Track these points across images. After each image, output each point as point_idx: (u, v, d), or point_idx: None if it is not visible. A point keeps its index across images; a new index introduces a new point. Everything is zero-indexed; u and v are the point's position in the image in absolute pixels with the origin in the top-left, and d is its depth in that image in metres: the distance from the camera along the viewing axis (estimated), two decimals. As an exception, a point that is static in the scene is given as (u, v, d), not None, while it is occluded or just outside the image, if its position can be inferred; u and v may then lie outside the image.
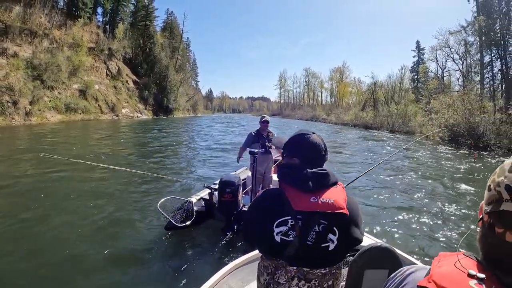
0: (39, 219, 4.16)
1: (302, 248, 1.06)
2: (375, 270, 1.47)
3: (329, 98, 70.39)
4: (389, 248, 1.49)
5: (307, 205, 1.06)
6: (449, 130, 14.72)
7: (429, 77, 32.41)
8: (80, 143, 12.50)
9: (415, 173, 8.30)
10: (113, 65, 34.92)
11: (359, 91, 53.73)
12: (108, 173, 6.63)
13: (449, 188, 6.79)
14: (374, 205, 5.23)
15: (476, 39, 27.57)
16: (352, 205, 1.12)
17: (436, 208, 5.18)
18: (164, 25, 53.03)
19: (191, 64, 73.01)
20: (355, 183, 5.68)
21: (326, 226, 1.06)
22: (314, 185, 1.08)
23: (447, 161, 10.49)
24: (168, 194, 4.55)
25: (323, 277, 1.10)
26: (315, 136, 1.18)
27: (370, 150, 13.59)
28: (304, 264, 1.09)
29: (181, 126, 26.15)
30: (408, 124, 23.32)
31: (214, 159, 9.74)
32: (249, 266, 1.99)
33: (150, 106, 39.00)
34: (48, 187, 5.63)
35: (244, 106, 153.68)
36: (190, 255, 3.31)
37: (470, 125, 14.65)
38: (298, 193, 1.08)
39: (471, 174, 8.54)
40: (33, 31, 25.47)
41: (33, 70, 23.12)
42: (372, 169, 3.62)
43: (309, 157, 1.15)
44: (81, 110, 26.30)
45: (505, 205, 0.49)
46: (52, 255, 3.22)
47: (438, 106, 18.46)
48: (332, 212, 1.05)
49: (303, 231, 1.06)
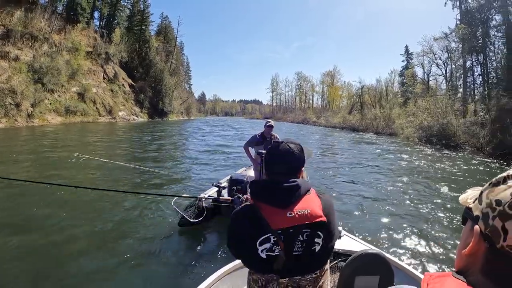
0: (52, 214, 4.37)
1: (289, 260, 1.06)
2: (366, 277, 1.47)
3: (321, 102, 72.25)
4: (380, 254, 1.49)
5: (285, 222, 1.05)
6: (424, 131, 16.34)
7: (416, 82, 34.26)
8: (103, 145, 13.51)
9: (399, 175, 8.50)
10: (109, 69, 35.76)
11: (350, 94, 55.41)
12: (119, 170, 7.20)
13: (430, 188, 6.93)
14: (363, 210, 5.16)
15: (459, 46, 29.17)
16: (328, 208, 1.12)
17: (425, 211, 5.19)
18: (158, 29, 53.93)
19: (185, 68, 73.86)
20: (340, 188, 6.34)
21: (310, 233, 1.07)
22: (287, 200, 1.07)
23: (424, 161, 11.43)
24: (178, 193, 4.92)
25: (315, 281, 1.12)
26: (286, 147, 1.14)
27: (359, 151, 14.97)
28: (295, 273, 1.10)
29: (179, 129, 26.96)
30: (392, 126, 25.02)
31: (217, 161, 10.12)
32: (240, 272, 1.96)
33: (146, 109, 39.88)
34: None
35: (236, 109, 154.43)
36: (202, 250, 3.53)
37: (441, 126, 16.33)
38: (273, 209, 1.07)
39: (445, 174, 9.09)
40: (33, 35, 26.25)
41: (34, 74, 23.86)
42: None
43: (279, 171, 1.13)
44: (80, 112, 27.13)
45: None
46: (62, 249, 3.40)
47: (415, 109, 20.22)
48: (311, 222, 1.05)
49: (287, 245, 1.06)
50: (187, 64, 77.04)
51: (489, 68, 26.16)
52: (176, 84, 49.61)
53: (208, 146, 14.03)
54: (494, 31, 25.20)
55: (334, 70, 67.01)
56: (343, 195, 6.07)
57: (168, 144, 14.67)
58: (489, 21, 25.43)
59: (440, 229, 4.37)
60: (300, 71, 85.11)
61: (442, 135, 15.67)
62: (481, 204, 0.48)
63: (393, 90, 41.86)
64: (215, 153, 11.66)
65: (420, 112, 19.35)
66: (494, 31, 25.11)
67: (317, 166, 9.61)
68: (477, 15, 26.26)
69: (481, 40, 26.05)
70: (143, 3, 44.96)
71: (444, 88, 29.22)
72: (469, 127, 16.18)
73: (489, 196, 0.47)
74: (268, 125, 4.56)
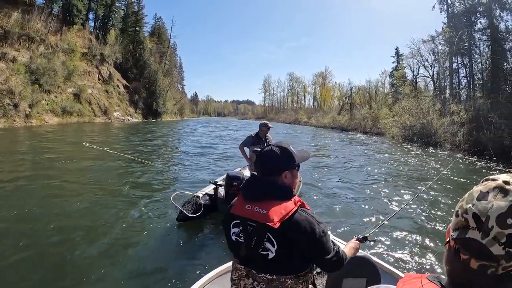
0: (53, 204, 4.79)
1: (247, 250, 1.13)
2: (353, 279, 1.49)
3: (313, 102, 73.60)
4: (366, 257, 1.53)
5: (241, 211, 1.15)
6: (406, 130, 17.72)
7: (405, 83, 35.61)
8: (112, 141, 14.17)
9: (383, 174, 8.74)
10: (104, 70, 36.15)
11: (341, 94, 56.64)
12: (121, 164, 7.81)
13: (412, 188, 7.09)
14: (350, 213, 5.17)
15: (445, 49, 29.94)
16: (296, 225, 1.08)
17: (410, 211, 5.25)
18: (152, 30, 54.35)
19: (178, 68, 74.27)
20: (332, 191, 6.53)
21: (258, 233, 1.10)
22: (253, 194, 1.16)
23: (408, 159, 12.08)
24: (177, 189, 5.18)
25: (269, 282, 1.12)
26: (270, 149, 1.21)
27: (346, 149, 15.94)
28: (251, 266, 1.15)
29: (175, 129, 27.56)
30: (379, 126, 26.32)
31: (214, 160, 10.31)
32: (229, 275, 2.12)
33: (140, 109, 40.35)
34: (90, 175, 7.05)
35: (229, 109, 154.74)
36: (197, 245, 3.65)
37: (422, 126, 17.73)
38: (241, 199, 1.19)
39: (425, 170, 9.70)
40: (30, 37, 26.54)
41: (31, 75, 24.23)
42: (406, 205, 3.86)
43: (259, 170, 1.21)
44: (76, 113, 27.57)
45: (471, 233, 0.51)
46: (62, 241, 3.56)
47: (399, 109, 21.62)
48: (261, 222, 1.09)
49: (246, 234, 1.13)
50: (180, 65, 77.52)
51: (474, 70, 26.89)
52: (169, 84, 50.15)
53: (205, 146, 14.39)
54: (479, 34, 25.81)
55: (326, 71, 68.55)
56: (329, 197, 6.07)
57: (164, 144, 15.06)
58: (474, 24, 26.04)
59: (425, 230, 4.44)
60: (292, 72, 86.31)
61: (423, 134, 17.09)
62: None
63: (384, 91, 43.15)
64: (212, 154, 11.87)
65: (404, 112, 20.73)
66: (479, 34, 25.75)
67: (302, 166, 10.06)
68: (463, 19, 26.85)
69: (466, 43, 26.67)
70: (137, 4, 45.49)
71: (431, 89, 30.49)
72: (448, 127, 17.53)
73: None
74: (265, 126, 4.76)
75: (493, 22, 21.95)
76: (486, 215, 0.49)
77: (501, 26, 21.58)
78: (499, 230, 0.48)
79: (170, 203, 4.28)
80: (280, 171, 1.18)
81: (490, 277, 0.50)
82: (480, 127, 15.87)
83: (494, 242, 0.48)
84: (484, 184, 0.54)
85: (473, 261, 0.51)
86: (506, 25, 20.78)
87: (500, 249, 0.48)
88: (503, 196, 0.50)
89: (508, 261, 0.49)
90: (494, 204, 0.50)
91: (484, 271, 0.50)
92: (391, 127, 21.59)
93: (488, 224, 0.49)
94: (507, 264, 0.49)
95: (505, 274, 0.50)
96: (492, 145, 13.76)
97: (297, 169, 1.25)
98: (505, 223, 0.48)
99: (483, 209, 0.50)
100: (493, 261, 0.49)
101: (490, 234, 0.49)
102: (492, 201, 0.50)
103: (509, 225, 0.48)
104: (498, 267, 0.49)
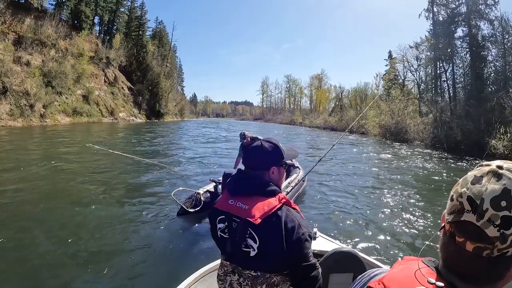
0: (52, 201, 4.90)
1: (232, 246, 1.11)
2: (340, 274, 1.53)
3: (309, 104, 75.50)
4: (352, 252, 1.56)
5: (224, 205, 1.14)
6: (381, 128, 20.54)
7: (393, 86, 37.87)
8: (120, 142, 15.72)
9: (364, 170, 9.05)
10: (110, 73, 37.98)
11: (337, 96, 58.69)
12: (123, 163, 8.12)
13: (393, 182, 7.32)
14: (334, 208, 5.22)
15: (431, 54, 31.43)
16: (277, 222, 1.06)
17: (393, 204, 5.35)
18: (153, 34, 56.10)
19: (177, 70, 75.98)
20: (310, 187, 6.64)
21: (241, 228, 1.08)
22: (236, 189, 1.15)
23: (387, 155, 13.34)
24: (179, 186, 5.35)
25: (254, 279, 1.10)
26: (258, 144, 1.20)
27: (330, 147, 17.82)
28: (236, 262, 1.13)
29: (175, 129, 29.01)
30: (364, 126, 28.69)
31: (216, 160, 10.40)
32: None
33: (144, 110, 42.20)
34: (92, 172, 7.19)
35: (227, 110, 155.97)
36: (194, 240, 3.72)
37: (395, 125, 20.92)
38: (225, 193, 1.18)
39: (398, 164, 10.75)
40: (42, 41, 28.29)
41: (44, 77, 26.02)
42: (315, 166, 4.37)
43: (247, 162, 1.21)
44: (85, 113, 29.35)
45: (467, 216, 0.51)
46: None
47: (378, 110, 24.45)
48: (243, 217, 1.07)
49: (230, 230, 1.12)
50: (180, 67, 79.26)
51: (456, 75, 28.55)
52: (171, 86, 52.01)
53: (206, 146, 14.61)
54: (460, 41, 27.75)
55: (322, 74, 70.45)
56: (315, 196, 6.04)
57: (167, 143, 15.72)
58: (454, 33, 27.83)
59: (410, 223, 4.50)
60: (289, 74, 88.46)
61: (397, 132, 20.36)
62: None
63: (378, 93, 45.19)
64: (214, 154, 11.98)
65: (382, 113, 23.50)
66: (460, 41, 27.68)
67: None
68: (445, 26, 28.45)
69: (449, 50, 28.33)
70: (140, 9, 47.35)
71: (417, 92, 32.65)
72: (416, 126, 20.61)
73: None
74: (243, 137, 4.79)
75: (472, 31, 24.04)
76: (480, 198, 0.50)
77: (479, 34, 23.53)
78: (493, 212, 0.49)
79: (172, 200, 4.51)
80: (268, 166, 1.18)
81: (485, 259, 0.50)
82: (438, 126, 19.02)
83: (489, 224, 0.49)
84: (478, 169, 0.55)
85: (469, 243, 0.51)
86: (482, 34, 22.83)
87: (495, 231, 0.49)
88: (497, 180, 0.51)
89: (502, 243, 0.49)
90: (488, 187, 0.50)
91: (479, 253, 0.50)
92: (373, 127, 24.16)
93: (482, 206, 0.50)
94: (502, 246, 0.49)
95: (499, 257, 0.50)
96: (446, 140, 16.60)
97: (284, 167, 1.24)
98: (499, 205, 0.49)
99: (477, 192, 0.51)
100: (488, 243, 0.49)
101: (485, 216, 0.49)
102: (486, 185, 0.51)
103: (503, 207, 0.48)
104: (493, 249, 0.49)
